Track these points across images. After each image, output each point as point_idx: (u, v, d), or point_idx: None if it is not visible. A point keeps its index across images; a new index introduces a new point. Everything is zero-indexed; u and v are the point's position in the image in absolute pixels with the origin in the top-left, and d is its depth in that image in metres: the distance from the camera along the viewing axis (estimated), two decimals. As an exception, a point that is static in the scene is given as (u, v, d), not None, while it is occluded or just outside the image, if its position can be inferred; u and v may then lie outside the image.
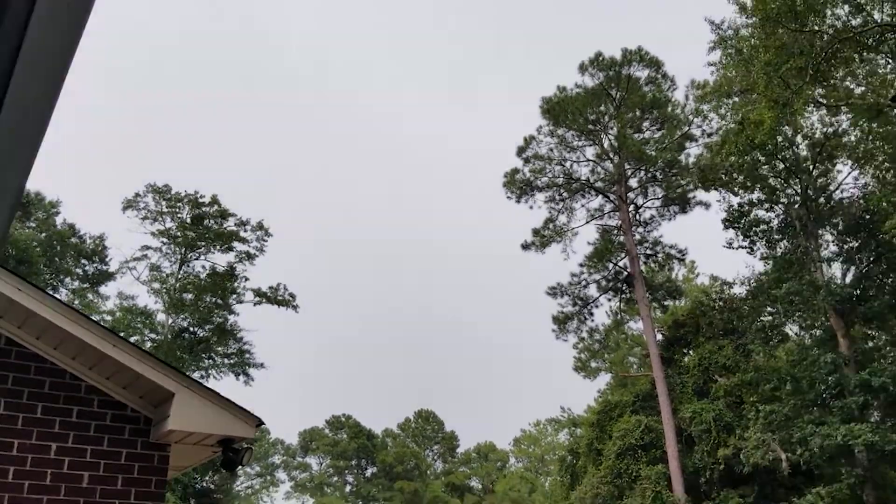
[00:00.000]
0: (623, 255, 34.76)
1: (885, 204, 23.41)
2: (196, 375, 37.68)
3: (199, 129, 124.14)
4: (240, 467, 6.82)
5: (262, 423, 6.68)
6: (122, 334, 11.98)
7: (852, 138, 27.59)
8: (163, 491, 6.41)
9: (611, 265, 35.25)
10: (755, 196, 29.43)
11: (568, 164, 35.60)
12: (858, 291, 26.43)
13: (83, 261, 42.32)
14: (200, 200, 39.56)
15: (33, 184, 39.88)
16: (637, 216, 35.30)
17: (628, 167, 35.03)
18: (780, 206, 29.10)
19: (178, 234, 39.71)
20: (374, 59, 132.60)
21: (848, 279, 27.46)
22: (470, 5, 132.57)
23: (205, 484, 40.97)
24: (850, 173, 28.60)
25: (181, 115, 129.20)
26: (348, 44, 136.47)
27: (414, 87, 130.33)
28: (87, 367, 6.42)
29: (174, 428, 6.17)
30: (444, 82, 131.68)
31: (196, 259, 40.52)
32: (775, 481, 27.02)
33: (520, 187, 35.56)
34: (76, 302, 40.70)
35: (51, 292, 9.90)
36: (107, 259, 42.65)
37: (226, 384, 42.22)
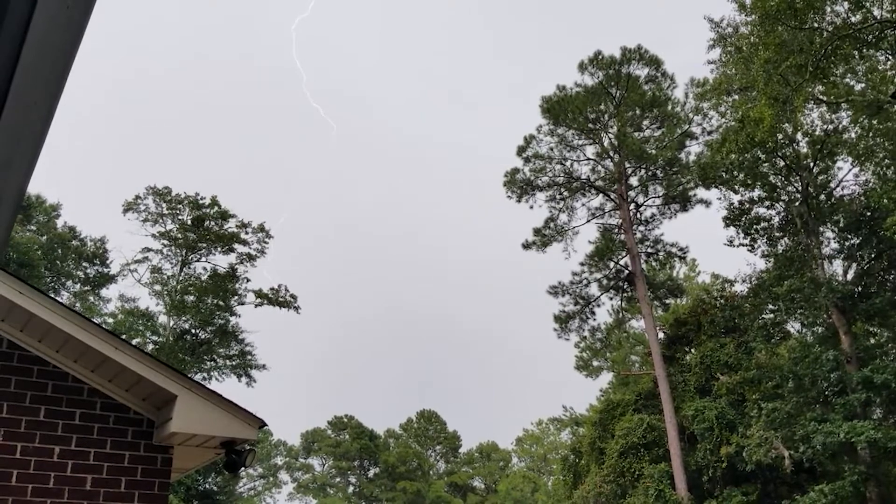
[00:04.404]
0: (624, 253, 34.76)
1: (885, 201, 23.34)
2: (198, 377, 37.69)
3: (198, 129, 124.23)
4: (242, 469, 6.81)
5: (265, 425, 6.67)
6: (123, 337, 11.99)
7: (853, 135, 27.53)
8: (166, 493, 6.41)
9: (612, 264, 35.26)
10: (756, 194, 29.40)
11: (568, 163, 35.63)
12: (860, 288, 26.42)
13: (84, 263, 42.32)
14: (201, 202, 39.55)
15: (34, 187, 39.92)
16: (638, 214, 35.30)
17: (629, 166, 35.02)
18: (780, 203, 29.07)
19: (179, 235, 39.70)
20: (375, 59, 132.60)
21: (849, 276, 27.45)
22: (470, 6, 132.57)
23: (208, 486, 40.97)
24: (850, 170, 28.61)
25: (180, 115, 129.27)
26: (347, 43, 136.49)
27: (413, 86, 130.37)
28: (89, 370, 6.42)
29: (177, 430, 6.16)
30: (444, 82, 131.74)
31: (197, 261, 40.52)
32: (778, 479, 27.01)
33: (520, 187, 35.56)
34: (77, 305, 40.71)
35: (52, 295, 9.90)
36: (108, 261, 42.66)
37: (228, 386, 42.26)
